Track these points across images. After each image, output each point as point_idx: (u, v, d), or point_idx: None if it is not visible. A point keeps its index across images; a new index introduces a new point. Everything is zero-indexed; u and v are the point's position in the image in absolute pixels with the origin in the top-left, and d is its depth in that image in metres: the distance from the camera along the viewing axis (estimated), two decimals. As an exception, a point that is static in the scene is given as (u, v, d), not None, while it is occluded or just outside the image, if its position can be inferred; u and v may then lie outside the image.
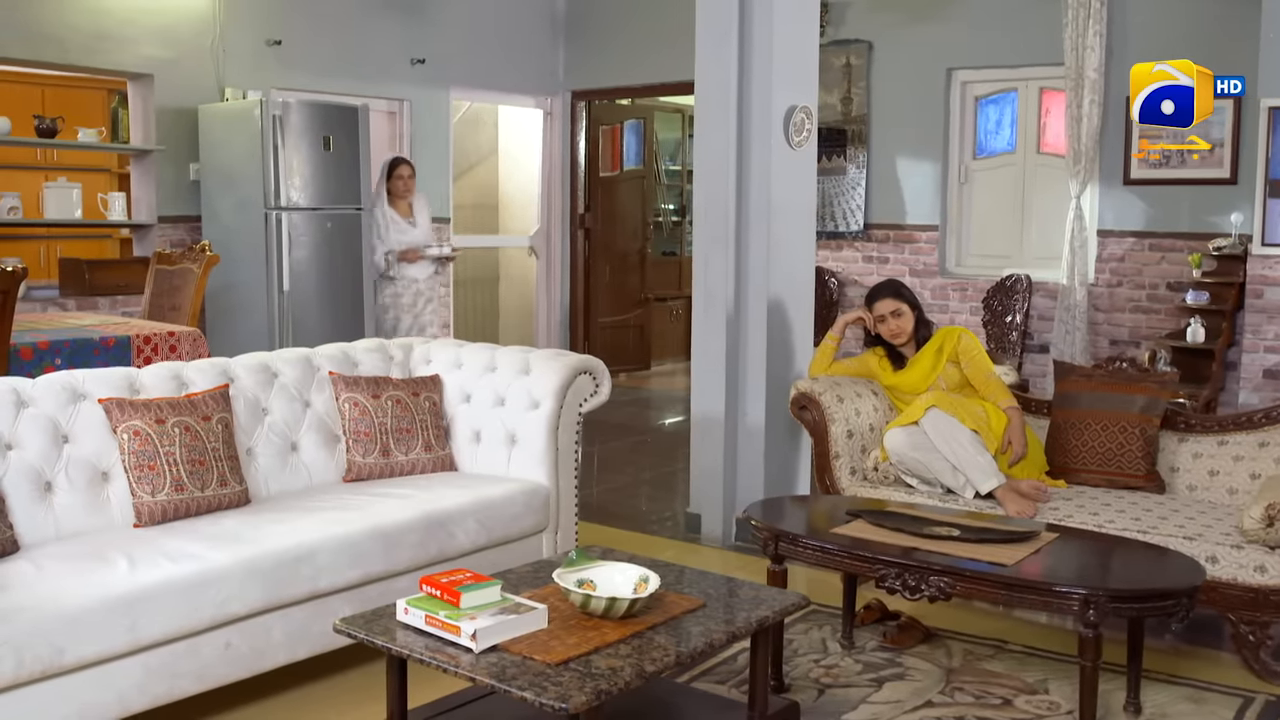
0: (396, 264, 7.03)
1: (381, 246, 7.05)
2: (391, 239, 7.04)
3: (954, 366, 4.41)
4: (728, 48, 4.99)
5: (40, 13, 6.67)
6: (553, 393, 4.15)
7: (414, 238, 7.12)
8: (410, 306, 7.14)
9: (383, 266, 7.05)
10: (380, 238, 7.06)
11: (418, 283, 7.17)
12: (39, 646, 2.74)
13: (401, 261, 7.03)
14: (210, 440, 3.56)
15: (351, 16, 8.16)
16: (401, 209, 7.10)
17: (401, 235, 7.06)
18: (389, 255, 7.02)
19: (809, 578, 4.47)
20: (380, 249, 7.06)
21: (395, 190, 7.08)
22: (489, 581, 2.72)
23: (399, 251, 7.01)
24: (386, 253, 7.02)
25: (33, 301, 6.62)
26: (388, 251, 7.03)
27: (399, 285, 7.11)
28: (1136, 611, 3.07)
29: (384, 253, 7.04)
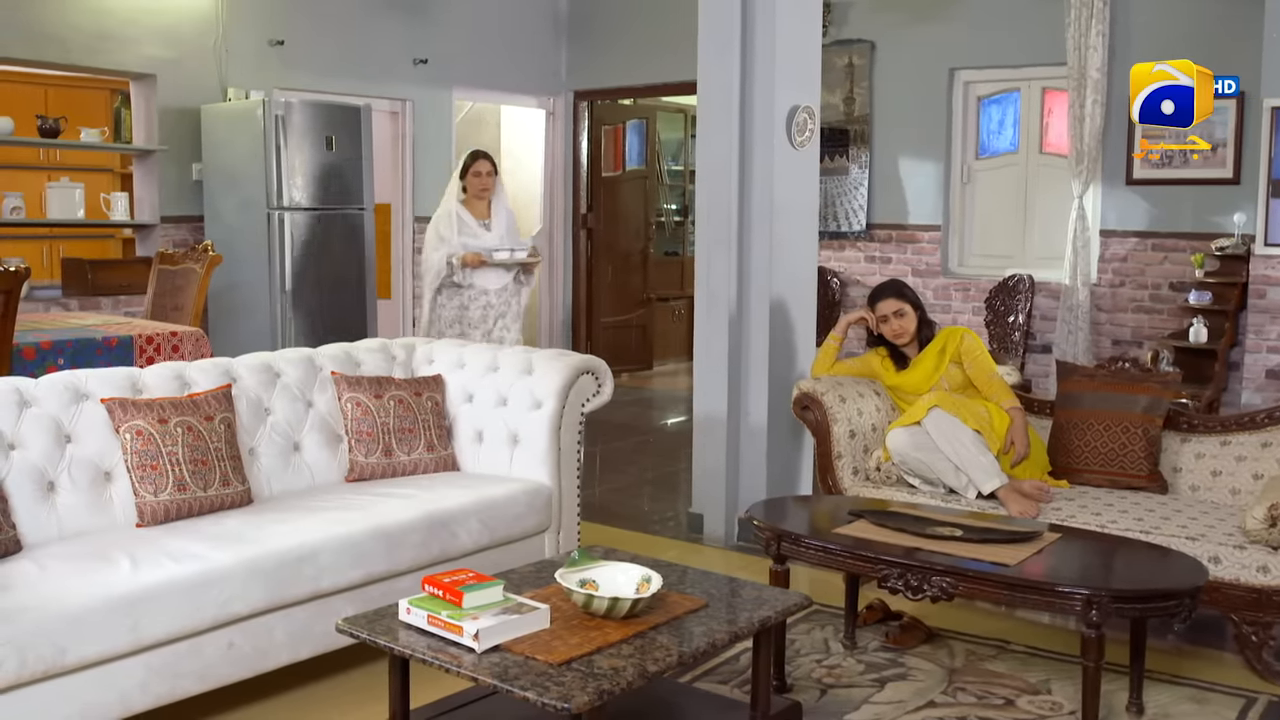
0: (462, 269, 5.97)
1: (444, 248, 6.00)
2: (457, 242, 6.01)
3: (956, 367, 4.41)
4: (730, 48, 4.99)
5: (43, 13, 6.67)
6: (555, 393, 4.15)
7: (486, 243, 6.07)
8: (479, 322, 6.04)
9: (446, 271, 5.99)
10: (443, 238, 6.04)
11: (488, 294, 6.05)
12: (41, 646, 2.74)
13: (467, 267, 5.98)
14: (213, 440, 3.56)
15: (354, 16, 8.16)
16: (477, 209, 6.13)
17: (472, 239, 6.03)
18: (453, 259, 5.97)
19: (811, 578, 4.47)
20: (443, 250, 6.00)
21: (471, 188, 6.13)
22: (491, 581, 2.73)
23: (462, 256, 5.98)
24: (450, 255, 5.98)
25: (35, 301, 6.63)
26: (452, 255, 5.99)
27: (466, 296, 6.02)
28: (1139, 612, 3.07)
29: (448, 256, 5.98)
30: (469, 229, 6.06)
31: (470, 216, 6.08)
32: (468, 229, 6.05)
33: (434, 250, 6.05)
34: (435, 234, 6.09)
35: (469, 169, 6.10)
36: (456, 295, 6.03)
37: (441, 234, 6.05)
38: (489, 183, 6.13)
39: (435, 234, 6.09)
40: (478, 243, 6.01)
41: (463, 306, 6.03)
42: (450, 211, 6.09)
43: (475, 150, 6.25)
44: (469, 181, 6.11)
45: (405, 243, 8.79)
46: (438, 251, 6.02)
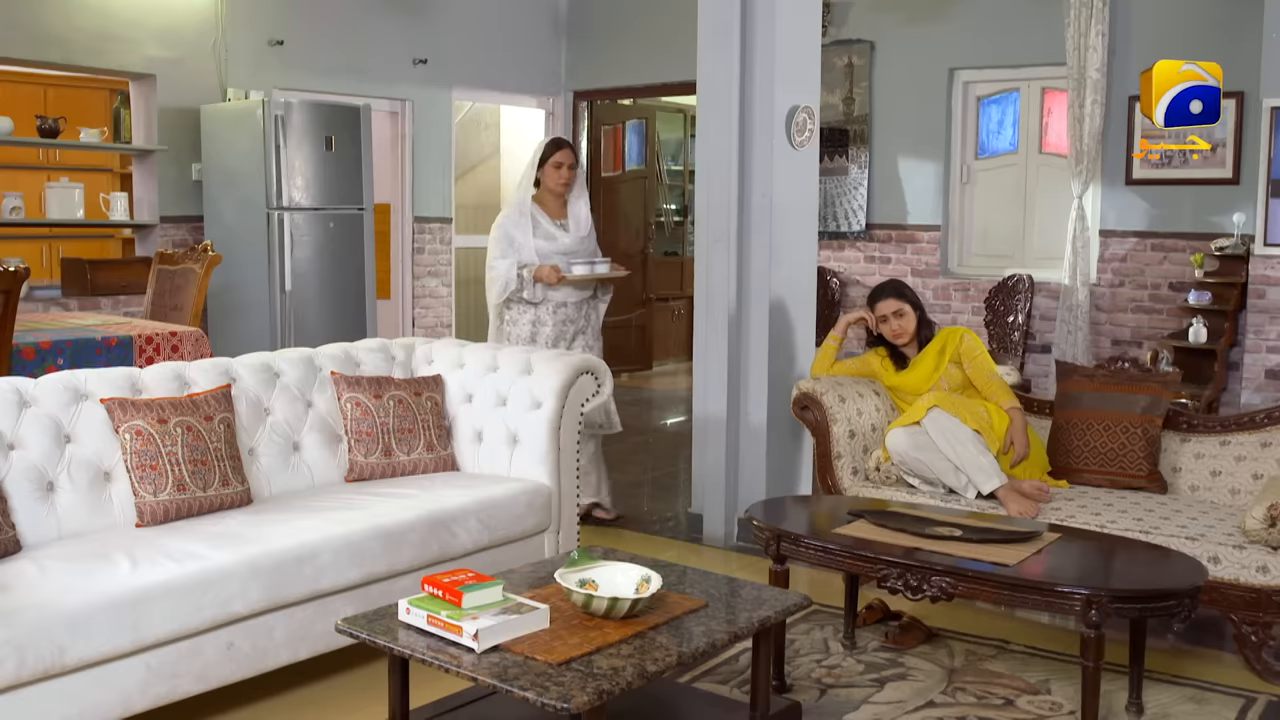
0: (534, 285, 5.12)
1: (513, 254, 5.14)
2: (529, 247, 5.15)
3: (956, 367, 4.41)
4: (729, 48, 4.99)
5: (43, 13, 6.67)
6: (554, 392, 4.15)
7: (563, 246, 5.20)
8: (555, 340, 5.20)
9: (515, 285, 5.12)
10: (513, 241, 5.15)
11: (566, 307, 5.20)
12: (41, 646, 2.74)
13: (540, 282, 5.11)
14: (212, 440, 3.56)
15: (354, 17, 8.16)
16: (552, 208, 5.27)
17: (546, 242, 5.17)
18: (524, 271, 5.11)
19: (811, 578, 4.47)
20: (511, 257, 5.13)
21: (548, 181, 5.23)
22: (491, 581, 2.73)
23: (536, 268, 5.10)
24: (521, 266, 5.11)
25: (35, 301, 6.63)
26: (523, 265, 5.12)
27: (541, 310, 5.17)
28: (1138, 612, 3.07)
29: (518, 266, 5.11)
30: (543, 230, 5.20)
31: (545, 216, 5.23)
32: (542, 230, 5.19)
33: (500, 257, 5.14)
34: (503, 236, 5.16)
35: (548, 159, 5.24)
36: (529, 310, 5.19)
37: (511, 236, 5.15)
38: (569, 177, 5.25)
39: (503, 236, 5.16)
40: (553, 246, 5.17)
41: (537, 322, 5.18)
42: (521, 209, 5.21)
43: (556, 138, 5.43)
44: (546, 174, 5.23)
45: (405, 243, 8.79)
46: (505, 259, 5.14)
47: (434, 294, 8.97)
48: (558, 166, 5.20)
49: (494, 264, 5.18)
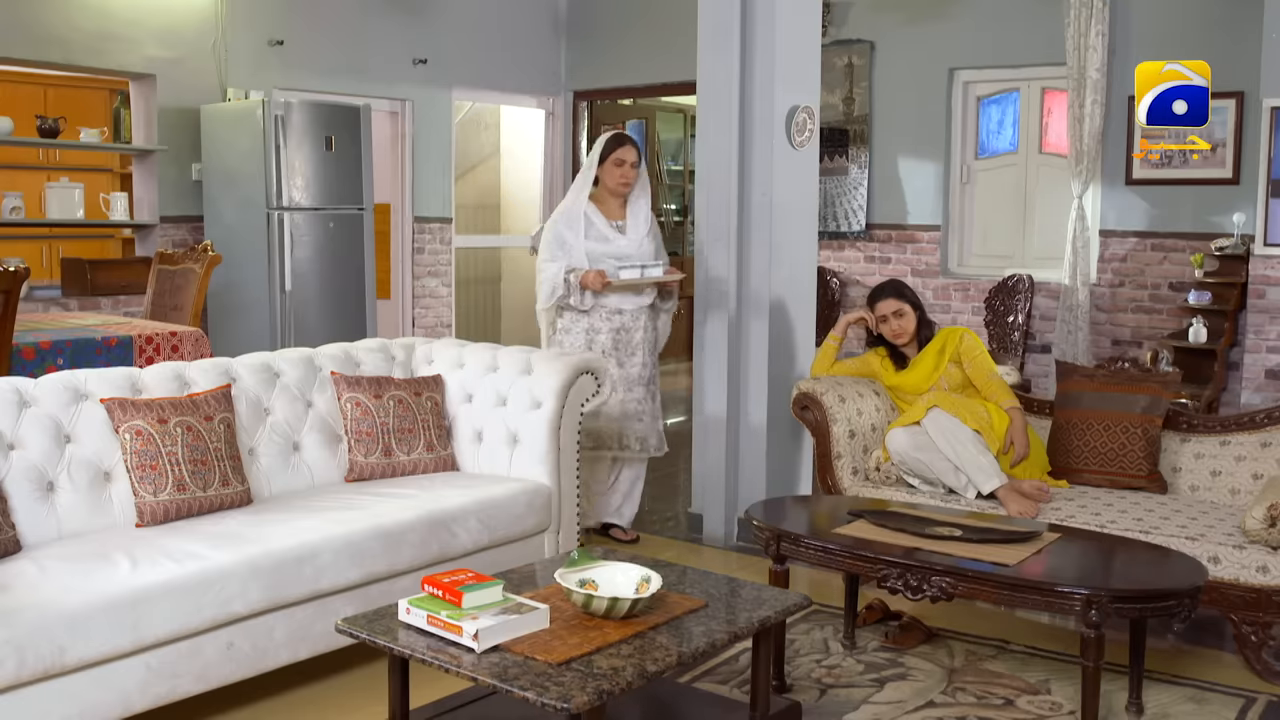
0: (580, 292, 4.74)
1: (564, 257, 4.76)
2: (581, 249, 4.75)
3: (956, 367, 4.41)
4: (729, 48, 4.99)
5: (43, 13, 6.67)
6: (554, 392, 4.15)
7: (619, 250, 4.80)
8: (611, 351, 4.82)
9: (562, 290, 4.75)
10: (564, 244, 4.78)
11: (622, 314, 4.83)
12: (41, 646, 2.74)
13: (587, 290, 4.74)
14: (212, 440, 3.56)
15: (354, 17, 8.16)
16: (610, 208, 4.88)
17: (600, 244, 4.78)
18: (570, 276, 4.74)
19: (811, 578, 4.47)
20: (561, 260, 4.76)
21: (608, 180, 4.85)
22: (491, 581, 2.73)
23: (582, 274, 4.71)
24: (569, 271, 4.75)
25: (35, 301, 6.63)
26: (570, 270, 4.75)
27: (595, 319, 4.80)
28: (1138, 612, 3.07)
29: (565, 270, 4.76)
30: (597, 231, 4.81)
31: (601, 216, 4.85)
32: (596, 232, 4.81)
33: (551, 259, 4.78)
34: (554, 238, 4.80)
35: (608, 156, 4.82)
36: (582, 318, 4.82)
37: (562, 237, 4.79)
38: (631, 176, 4.84)
39: (554, 238, 4.80)
40: (606, 249, 4.77)
41: (591, 331, 4.82)
42: (576, 209, 4.82)
43: (618, 133, 4.98)
44: (605, 172, 4.84)
45: (405, 243, 8.79)
46: (555, 262, 4.77)
47: (434, 294, 8.97)
48: (619, 164, 4.82)
49: (542, 266, 4.82)
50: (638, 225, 4.89)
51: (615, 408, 4.86)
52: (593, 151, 4.92)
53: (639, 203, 4.93)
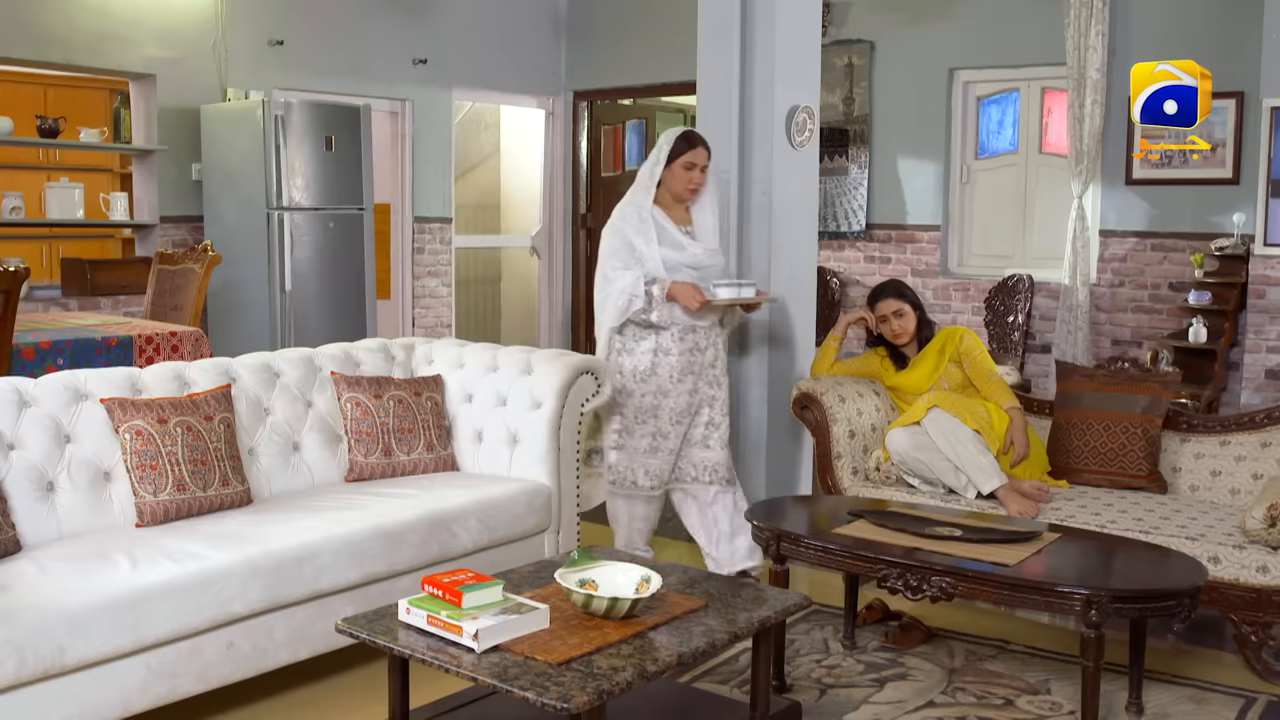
0: (665, 303, 4.23)
1: (637, 266, 4.25)
2: (652, 258, 4.25)
3: (956, 367, 4.41)
4: (729, 48, 4.98)
5: (44, 13, 6.67)
6: (555, 392, 4.15)
7: (691, 259, 4.32)
8: (684, 373, 4.33)
9: (641, 305, 4.23)
10: (635, 251, 4.28)
11: (695, 333, 4.35)
12: (41, 646, 2.74)
13: (674, 302, 4.24)
14: (212, 440, 3.56)
15: (354, 17, 8.16)
16: (675, 213, 4.39)
17: (675, 252, 4.30)
18: (654, 288, 4.22)
19: (811, 578, 4.47)
20: (635, 270, 4.24)
21: (675, 184, 4.33)
22: (491, 581, 2.72)
23: (666, 283, 4.22)
24: (650, 282, 4.23)
25: (35, 301, 6.63)
26: (651, 281, 4.23)
27: (665, 337, 4.30)
28: (1138, 612, 3.07)
29: (645, 281, 4.23)
30: (670, 238, 4.31)
31: (670, 221, 4.36)
32: (670, 238, 4.31)
33: (623, 269, 4.25)
34: (623, 244, 4.29)
35: (677, 157, 4.31)
36: (649, 336, 4.31)
37: (632, 244, 4.28)
38: (701, 181, 4.36)
39: (623, 244, 4.29)
40: (682, 257, 4.30)
41: (659, 351, 4.31)
42: (642, 212, 4.32)
43: (688, 132, 4.41)
44: (672, 175, 4.32)
45: (405, 243, 8.79)
46: (629, 271, 4.24)
47: (434, 294, 8.97)
48: (689, 168, 4.31)
49: (612, 276, 4.27)
50: (705, 233, 4.41)
51: (675, 441, 4.38)
52: (656, 150, 4.38)
53: (705, 209, 4.43)
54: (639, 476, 4.38)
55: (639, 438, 4.36)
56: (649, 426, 4.34)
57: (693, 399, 4.37)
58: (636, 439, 4.36)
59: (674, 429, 4.35)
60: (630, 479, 4.39)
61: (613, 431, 4.41)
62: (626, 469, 4.39)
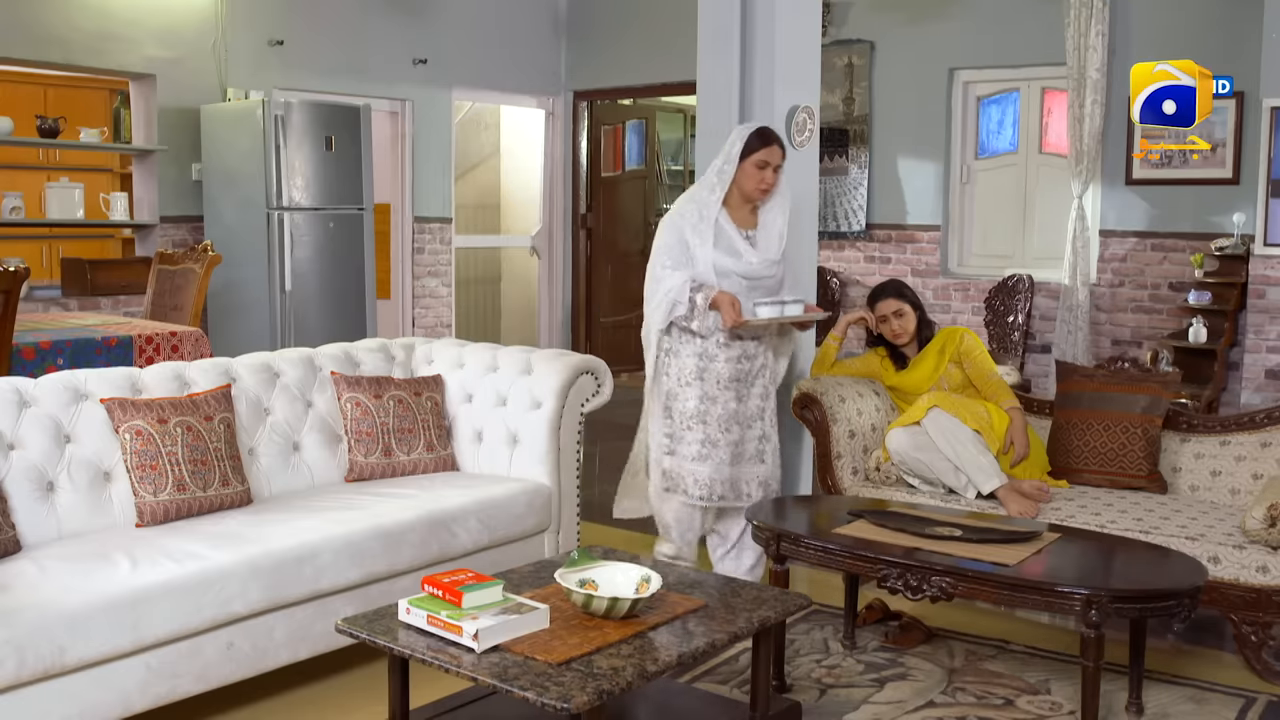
0: (705, 312, 4.00)
1: (688, 266, 4.04)
2: (704, 260, 4.02)
3: (956, 367, 4.41)
4: (729, 48, 4.98)
5: (44, 13, 6.68)
6: (555, 392, 4.15)
7: (748, 267, 4.05)
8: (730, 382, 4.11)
9: (684, 311, 4.02)
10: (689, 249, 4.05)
11: (743, 341, 4.11)
12: (41, 646, 2.74)
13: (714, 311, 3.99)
14: (212, 440, 3.56)
15: (354, 17, 8.16)
16: (740, 214, 4.10)
17: (727, 257, 4.03)
18: (698, 296, 3.99)
19: (811, 578, 4.47)
20: (686, 269, 4.03)
21: (746, 183, 4.05)
22: (491, 581, 2.72)
23: (712, 292, 3.97)
24: (695, 289, 4.00)
25: (35, 301, 6.63)
26: (698, 287, 4.00)
27: (710, 344, 4.09)
28: (1139, 612, 3.07)
29: (692, 286, 4.01)
30: (728, 242, 4.05)
31: (732, 224, 4.09)
32: (726, 242, 4.05)
33: (672, 267, 4.05)
34: (676, 241, 4.07)
35: (750, 154, 4.03)
36: (694, 340, 4.11)
37: (686, 241, 4.05)
38: (773, 181, 4.08)
39: (676, 241, 4.07)
40: (735, 264, 4.03)
41: (704, 357, 4.10)
42: (704, 210, 4.06)
43: (763, 129, 4.10)
44: (744, 173, 4.04)
45: (405, 243, 8.79)
46: (678, 271, 4.03)
47: (434, 294, 8.97)
48: (761, 166, 4.03)
49: (660, 275, 4.08)
50: (769, 239, 4.11)
51: (726, 451, 4.13)
52: (729, 146, 4.10)
53: (774, 211, 4.13)
54: (689, 484, 4.15)
55: (688, 444, 4.14)
56: (697, 433, 4.11)
57: (741, 407, 4.14)
58: (686, 445, 4.15)
59: (724, 436, 4.10)
60: (680, 486, 4.16)
61: (664, 435, 4.21)
62: (676, 474, 4.18)
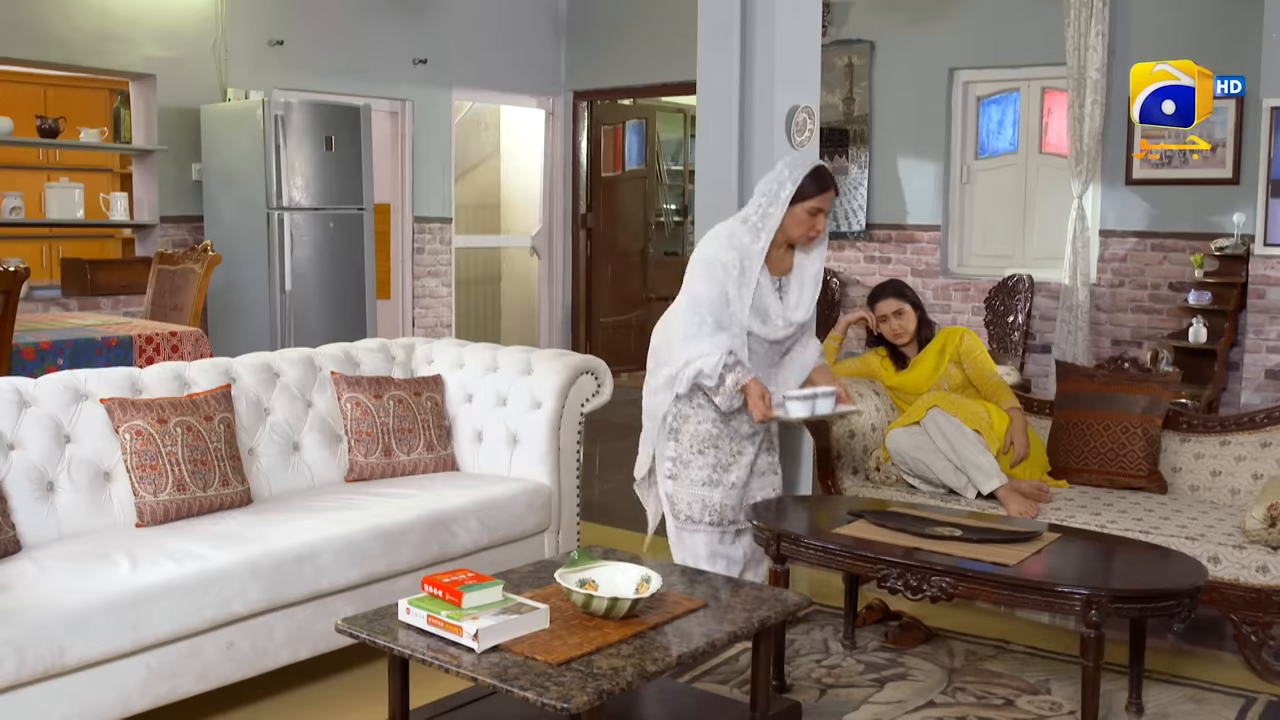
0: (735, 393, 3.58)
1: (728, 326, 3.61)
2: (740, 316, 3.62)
3: (956, 367, 4.41)
4: (729, 48, 4.98)
5: (44, 13, 6.67)
6: (554, 392, 4.15)
7: (774, 329, 3.71)
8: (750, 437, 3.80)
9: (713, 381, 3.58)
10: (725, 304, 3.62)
11: None
12: (41, 646, 2.74)
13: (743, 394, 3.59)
14: (212, 440, 3.56)
15: (354, 17, 8.16)
16: (775, 259, 3.71)
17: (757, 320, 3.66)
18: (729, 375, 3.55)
19: (811, 578, 4.47)
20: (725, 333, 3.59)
21: (792, 229, 3.66)
22: (491, 581, 2.72)
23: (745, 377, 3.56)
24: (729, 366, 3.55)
25: (35, 301, 6.63)
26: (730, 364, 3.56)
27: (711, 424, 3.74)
28: (1138, 612, 3.07)
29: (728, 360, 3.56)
30: (760, 301, 3.66)
31: (767, 274, 3.69)
32: (758, 301, 3.66)
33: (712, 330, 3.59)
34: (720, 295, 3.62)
35: (805, 198, 3.64)
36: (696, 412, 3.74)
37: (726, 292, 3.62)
38: (823, 227, 3.70)
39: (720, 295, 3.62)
40: (762, 327, 3.68)
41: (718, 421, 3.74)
42: (748, 262, 3.63)
43: (819, 169, 3.68)
44: (794, 217, 3.65)
45: (405, 243, 8.79)
46: (715, 334, 3.57)
47: (434, 294, 8.97)
48: (814, 213, 3.65)
49: (695, 332, 3.59)
50: (803, 291, 3.77)
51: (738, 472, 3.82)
52: (774, 184, 3.67)
53: (814, 255, 3.80)
54: (695, 511, 3.80)
55: (696, 469, 3.78)
56: (708, 458, 3.76)
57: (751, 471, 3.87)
58: (694, 470, 3.78)
59: (736, 460, 3.77)
60: (686, 513, 3.82)
61: (666, 459, 3.83)
62: (683, 501, 3.82)
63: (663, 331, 3.89)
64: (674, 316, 3.80)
